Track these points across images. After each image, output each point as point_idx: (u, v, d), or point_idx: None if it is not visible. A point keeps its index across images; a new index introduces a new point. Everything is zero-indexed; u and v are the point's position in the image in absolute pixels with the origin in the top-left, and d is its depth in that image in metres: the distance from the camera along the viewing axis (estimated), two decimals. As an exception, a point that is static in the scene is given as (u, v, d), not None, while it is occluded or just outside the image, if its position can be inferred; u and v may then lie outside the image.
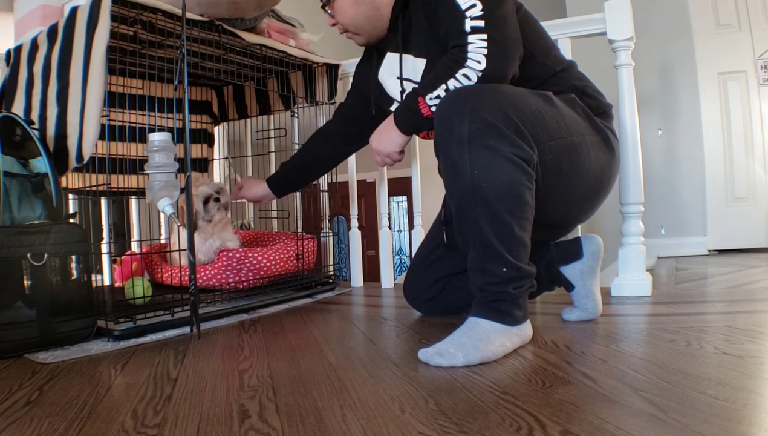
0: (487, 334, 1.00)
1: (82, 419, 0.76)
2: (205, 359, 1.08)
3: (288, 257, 1.83)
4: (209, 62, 1.77)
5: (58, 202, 1.32)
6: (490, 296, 1.02)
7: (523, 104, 1.05)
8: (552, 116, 1.10)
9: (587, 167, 1.15)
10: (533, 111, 1.06)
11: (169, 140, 1.31)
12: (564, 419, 0.68)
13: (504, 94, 1.04)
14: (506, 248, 0.99)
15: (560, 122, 1.11)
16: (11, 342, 1.13)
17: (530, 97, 1.09)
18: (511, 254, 1.00)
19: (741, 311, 1.31)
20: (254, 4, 1.60)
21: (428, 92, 1.12)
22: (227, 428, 0.70)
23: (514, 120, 1.00)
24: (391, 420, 0.71)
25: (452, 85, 1.09)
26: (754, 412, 0.68)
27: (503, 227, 0.99)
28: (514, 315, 1.03)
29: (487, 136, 0.98)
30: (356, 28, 1.30)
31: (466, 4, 1.09)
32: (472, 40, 1.07)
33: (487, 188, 0.98)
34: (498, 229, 0.99)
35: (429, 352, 0.98)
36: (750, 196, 2.80)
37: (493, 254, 1.00)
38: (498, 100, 1.02)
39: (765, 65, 2.77)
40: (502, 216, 0.98)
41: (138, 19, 1.36)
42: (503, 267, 0.99)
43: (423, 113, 1.14)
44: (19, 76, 1.51)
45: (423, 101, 1.13)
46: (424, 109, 1.14)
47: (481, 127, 0.98)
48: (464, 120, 0.99)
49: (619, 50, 1.61)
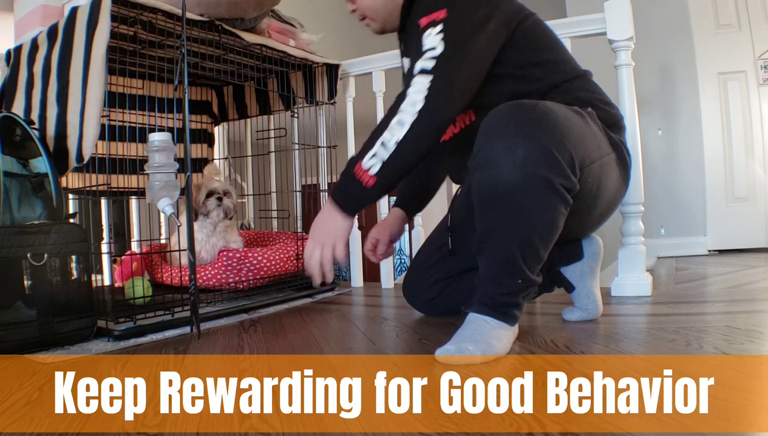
0: (496, 331, 1.01)
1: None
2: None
3: (288, 257, 1.83)
4: (209, 62, 1.77)
5: (58, 202, 1.32)
6: (498, 302, 1.02)
7: (572, 126, 1.00)
8: (590, 138, 1.06)
9: (609, 187, 1.13)
10: (579, 134, 1.01)
11: (169, 140, 1.31)
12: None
13: (557, 115, 0.98)
14: (528, 266, 0.99)
15: (594, 143, 1.07)
16: (11, 342, 1.13)
17: (573, 117, 1.04)
18: (531, 270, 0.99)
19: (741, 311, 1.31)
20: (254, 4, 1.60)
21: (364, 154, 1.04)
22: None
23: (567, 147, 0.96)
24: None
25: (387, 139, 1.03)
26: (754, 412, 0.68)
27: (531, 250, 0.98)
28: (516, 317, 1.04)
29: (541, 165, 0.93)
30: (374, 13, 1.26)
31: (430, 45, 1.05)
32: (416, 81, 1.03)
33: (527, 216, 0.95)
34: (525, 250, 0.98)
35: (450, 350, 0.98)
36: (750, 196, 2.80)
37: (513, 270, 0.99)
38: (554, 123, 0.96)
39: (765, 65, 2.76)
40: (533, 241, 0.97)
41: (138, 19, 1.36)
42: (519, 280, 0.99)
43: (363, 182, 1.04)
44: (19, 76, 1.51)
45: (360, 167, 1.04)
46: (364, 177, 1.04)
47: (538, 153, 0.93)
48: (518, 140, 0.93)
49: (619, 50, 1.61)
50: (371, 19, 1.29)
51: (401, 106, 1.04)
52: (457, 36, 1.04)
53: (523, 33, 1.15)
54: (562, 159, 0.95)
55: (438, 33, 1.05)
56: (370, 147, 1.04)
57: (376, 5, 1.26)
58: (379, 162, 1.03)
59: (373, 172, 1.03)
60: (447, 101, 1.03)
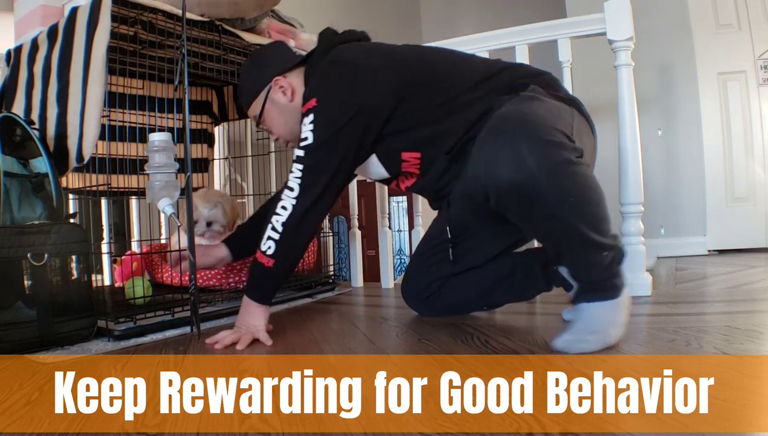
0: (611, 313, 1.03)
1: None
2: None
3: (288, 257, 1.82)
4: (209, 62, 1.77)
5: (59, 202, 1.32)
6: (599, 283, 1.04)
7: (540, 110, 1.08)
8: (555, 111, 1.12)
9: (587, 144, 1.18)
10: (548, 112, 1.08)
11: (169, 140, 1.31)
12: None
13: (533, 113, 1.06)
14: (602, 234, 1.01)
15: (558, 111, 1.13)
16: (11, 342, 1.13)
17: (533, 102, 1.11)
18: (605, 236, 1.02)
19: (741, 311, 1.31)
20: (254, 5, 1.60)
21: (260, 242, 1.18)
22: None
23: (555, 127, 1.01)
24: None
25: (275, 222, 1.17)
26: (754, 412, 0.68)
27: (596, 220, 1.01)
28: (621, 286, 1.05)
29: (553, 154, 0.98)
30: (291, 136, 1.34)
31: (304, 134, 1.18)
32: (293, 169, 1.18)
33: (575, 199, 0.98)
34: (593, 224, 1.00)
35: (569, 340, 1.00)
36: (750, 196, 2.80)
37: (594, 248, 1.01)
38: (537, 119, 1.03)
39: (765, 65, 2.76)
40: (593, 212, 1.00)
41: (138, 19, 1.36)
42: (604, 252, 1.02)
43: (264, 264, 1.17)
44: (19, 76, 1.51)
45: (260, 253, 1.18)
46: (263, 260, 1.17)
47: (545, 148, 0.97)
48: (523, 150, 0.96)
49: (619, 50, 1.61)
50: (289, 141, 1.37)
51: (283, 192, 1.19)
52: (324, 127, 1.17)
53: (408, 61, 1.25)
54: (560, 138, 1.00)
55: (310, 123, 1.17)
56: (263, 233, 1.18)
57: (284, 128, 1.34)
58: (273, 243, 1.16)
59: (270, 254, 1.17)
60: (316, 189, 1.17)
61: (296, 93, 1.30)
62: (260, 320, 1.21)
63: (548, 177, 0.96)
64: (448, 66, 1.30)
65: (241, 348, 1.14)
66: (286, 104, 1.30)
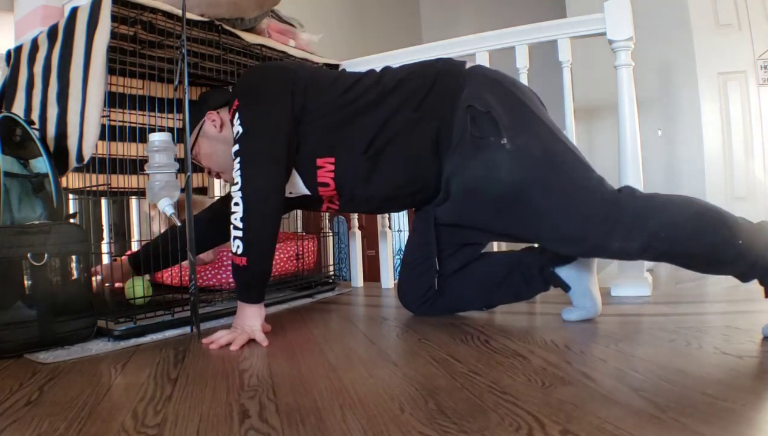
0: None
1: (83, 418, 0.76)
2: (205, 359, 1.08)
3: (288, 257, 1.83)
4: (209, 62, 1.77)
5: (59, 202, 1.32)
6: (754, 271, 1.06)
7: (572, 158, 1.15)
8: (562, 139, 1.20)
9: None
10: (573, 155, 1.17)
11: (169, 140, 1.31)
12: (564, 419, 0.68)
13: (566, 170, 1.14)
14: (738, 235, 1.06)
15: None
16: (11, 342, 1.13)
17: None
18: (729, 227, 1.07)
19: (741, 311, 1.31)
20: (254, 5, 1.60)
21: (232, 245, 1.19)
22: (227, 428, 0.70)
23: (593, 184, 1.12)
24: (391, 420, 0.71)
25: (234, 221, 1.17)
26: (754, 412, 0.68)
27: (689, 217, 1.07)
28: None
29: (633, 229, 1.06)
30: (221, 167, 1.38)
31: (237, 129, 1.21)
32: (234, 164, 1.19)
33: (666, 232, 1.06)
34: (695, 218, 1.07)
35: None
36: (750, 196, 2.80)
37: (725, 246, 1.05)
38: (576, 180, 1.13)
39: (765, 65, 2.76)
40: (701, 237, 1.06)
41: (138, 19, 1.36)
42: (739, 241, 1.05)
43: (240, 265, 1.17)
44: (19, 76, 1.51)
45: (233, 256, 1.18)
46: (237, 261, 1.18)
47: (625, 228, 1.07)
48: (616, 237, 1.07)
49: (618, 50, 1.61)
50: (223, 172, 1.39)
51: (232, 189, 1.20)
52: (250, 115, 1.21)
53: (309, 82, 1.28)
54: (623, 218, 1.09)
55: (237, 119, 1.22)
56: (231, 234, 1.18)
57: (215, 160, 1.37)
58: (240, 242, 1.17)
59: (240, 252, 1.17)
60: (258, 171, 1.18)
61: (225, 125, 1.35)
62: (255, 319, 1.21)
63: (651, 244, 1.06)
64: (335, 75, 1.35)
65: (236, 349, 1.13)
66: (216, 135, 1.35)
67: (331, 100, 1.26)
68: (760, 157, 2.78)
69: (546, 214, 1.12)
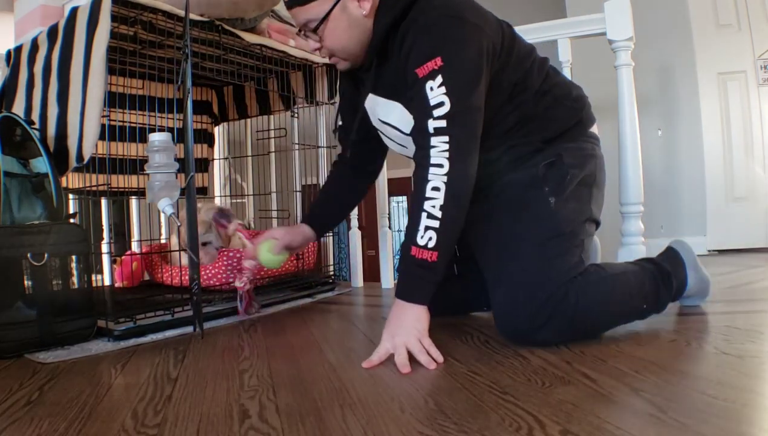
0: None
1: (83, 418, 0.76)
2: (205, 359, 1.08)
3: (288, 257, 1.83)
4: (209, 62, 1.77)
5: (58, 202, 1.32)
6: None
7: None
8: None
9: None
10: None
11: (169, 140, 1.31)
12: (564, 419, 0.68)
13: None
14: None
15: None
16: (11, 342, 1.13)
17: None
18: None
19: (741, 311, 1.31)
20: (254, 5, 1.60)
21: (416, 235, 1.01)
22: (227, 428, 0.70)
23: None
24: (391, 420, 0.71)
25: (430, 209, 1.01)
26: (754, 412, 0.68)
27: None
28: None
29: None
30: (347, 54, 1.18)
31: (435, 100, 1.02)
32: (435, 142, 1.02)
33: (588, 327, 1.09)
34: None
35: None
36: (750, 196, 2.79)
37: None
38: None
39: (765, 65, 2.76)
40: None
41: (138, 19, 1.36)
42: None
43: (427, 260, 1.00)
44: (19, 76, 1.51)
45: (417, 249, 1.01)
46: (425, 255, 1.00)
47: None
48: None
49: (619, 50, 1.61)
50: (341, 58, 1.20)
51: (429, 172, 1.02)
52: (459, 88, 1.03)
53: (509, 46, 1.16)
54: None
55: (440, 86, 1.02)
56: (417, 225, 1.01)
57: (351, 45, 1.17)
58: (434, 233, 1.00)
59: (432, 246, 1.00)
60: (467, 158, 1.04)
61: (373, 7, 1.13)
62: (424, 322, 1.01)
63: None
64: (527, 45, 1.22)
65: (426, 359, 0.97)
66: (359, 18, 1.13)
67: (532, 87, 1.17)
68: (760, 157, 2.78)
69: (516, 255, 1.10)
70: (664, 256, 1.25)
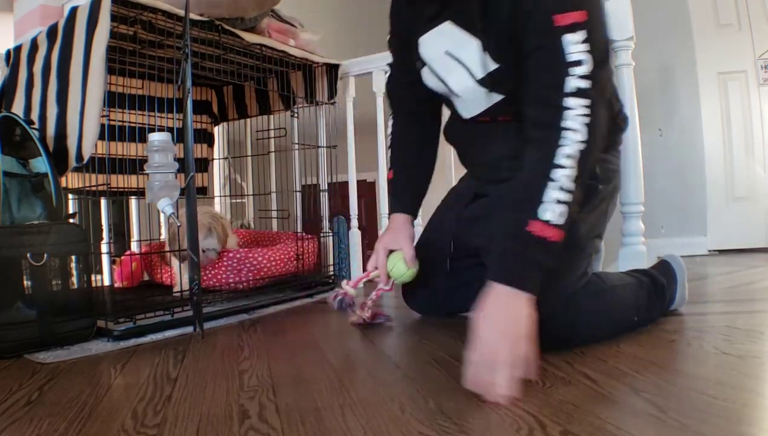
0: None
1: (82, 419, 0.76)
2: (205, 359, 1.08)
3: (288, 257, 1.83)
4: (209, 62, 1.77)
5: (58, 202, 1.32)
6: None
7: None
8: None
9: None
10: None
11: (168, 140, 1.30)
12: (564, 419, 0.68)
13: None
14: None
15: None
16: (11, 342, 1.13)
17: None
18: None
19: (741, 311, 1.31)
20: (254, 4, 1.60)
21: (537, 207, 0.84)
22: (227, 428, 0.70)
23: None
24: (391, 420, 0.71)
25: (562, 179, 0.84)
26: (754, 412, 0.68)
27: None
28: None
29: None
30: None
31: (575, 56, 0.88)
32: (572, 105, 0.87)
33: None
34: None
35: None
36: (750, 195, 2.79)
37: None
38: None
39: (765, 65, 2.76)
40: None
41: (138, 18, 1.36)
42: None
43: (549, 239, 0.83)
44: (18, 76, 1.51)
45: (539, 223, 0.83)
46: (546, 233, 0.83)
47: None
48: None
49: (619, 50, 1.61)
50: None
51: (561, 136, 0.87)
52: (601, 51, 0.93)
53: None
54: None
55: (583, 42, 0.89)
56: (540, 194, 0.85)
57: None
58: (565, 208, 0.85)
59: (560, 223, 0.84)
60: (601, 124, 0.92)
61: None
62: (532, 323, 0.82)
63: None
64: None
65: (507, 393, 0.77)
66: None
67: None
68: (760, 157, 2.78)
69: None
70: (659, 269, 1.25)
